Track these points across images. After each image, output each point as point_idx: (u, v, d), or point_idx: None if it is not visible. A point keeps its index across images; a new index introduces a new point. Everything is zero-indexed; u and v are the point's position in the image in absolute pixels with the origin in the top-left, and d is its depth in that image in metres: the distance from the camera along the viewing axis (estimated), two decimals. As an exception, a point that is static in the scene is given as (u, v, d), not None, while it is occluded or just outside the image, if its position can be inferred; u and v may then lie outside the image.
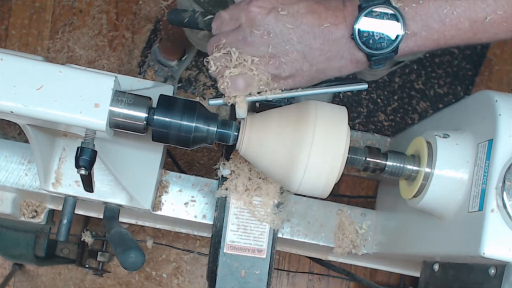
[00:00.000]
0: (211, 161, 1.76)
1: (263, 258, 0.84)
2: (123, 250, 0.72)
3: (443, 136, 0.74)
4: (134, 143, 0.89)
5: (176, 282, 1.75)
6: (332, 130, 0.71)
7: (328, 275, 1.75)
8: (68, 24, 1.82)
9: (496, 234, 0.66)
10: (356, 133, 1.12)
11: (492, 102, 0.71)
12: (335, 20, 0.69)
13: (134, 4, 1.85)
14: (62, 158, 0.90)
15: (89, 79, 0.70)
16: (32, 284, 1.73)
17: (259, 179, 0.85)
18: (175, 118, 0.72)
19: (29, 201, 1.08)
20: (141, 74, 1.76)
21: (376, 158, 0.78)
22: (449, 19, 0.67)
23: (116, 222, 0.92)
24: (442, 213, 0.75)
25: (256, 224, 0.85)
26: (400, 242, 0.92)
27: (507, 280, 0.64)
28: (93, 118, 0.69)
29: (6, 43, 1.81)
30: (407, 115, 1.83)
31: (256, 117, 0.75)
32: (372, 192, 1.77)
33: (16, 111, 0.68)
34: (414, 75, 1.85)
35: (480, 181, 0.69)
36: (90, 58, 1.81)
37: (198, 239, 1.75)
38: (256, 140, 0.73)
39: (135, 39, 1.82)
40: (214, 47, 0.72)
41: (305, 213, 1.02)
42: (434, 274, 0.80)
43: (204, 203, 0.99)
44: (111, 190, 0.91)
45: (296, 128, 0.71)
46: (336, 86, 0.77)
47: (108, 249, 1.66)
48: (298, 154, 0.70)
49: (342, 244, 1.01)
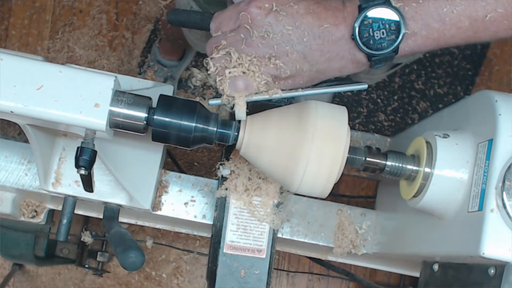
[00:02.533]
0: (211, 161, 1.76)
1: (262, 258, 0.84)
2: (123, 250, 0.72)
3: (443, 136, 0.75)
4: (134, 143, 0.89)
5: (176, 282, 1.75)
6: (332, 130, 0.71)
7: (328, 275, 1.75)
8: (68, 24, 1.82)
9: (496, 234, 0.66)
10: (356, 133, 1.12)
11: (492, 102, 0.71)
12: (335, 21, 0.69)
13: (134, 4, 1.85)
14: (62, 158, 0.90)
15: (89, 79, 0.70)
16: (32, 284, 1.73)
17: (259, 179, 0.85)
18: (175, 118, 0.72)
19: (29, 201, 1.08)
20: (141, 74, 1.76)
21: (376, 158, 0.78)
22: (449, 18, 0.67)
23: (116, 222, 0.92)
24: (442, 213, 0.76)
25: (256, 224, 0.85)
26: (400, 242, 0.93)
27: (506, 280, 0.64)
28: (93, 118, 0.69)
29: (6, 43, 1.81)
30: (407, 115, 1.83)
31: (256, 117, 0.75)
32: (372, 192, 1.77)
33: (16, 111, 0.68)
34: (414, 75, 1.85)
35: (480, 181, 0.70)
36: (90, 58, 1.81)
37: (198, 239, 1.75)
38: (256, 140, 0.73)
39: (135, 39, 1.82)
40: (214, 47, 0.72)
41: (305, 213, 1.02)
42: (434, 274, 0.80)
43: (204, 203, 0.99)
44: (111, 190, 0.91)
45: (296, 128, 0.71)
46: (336, 86, 0.77)
47: (108, 249, 1.66)
48: (298, 154, 0.70)
49: (342, 244, 1.01)
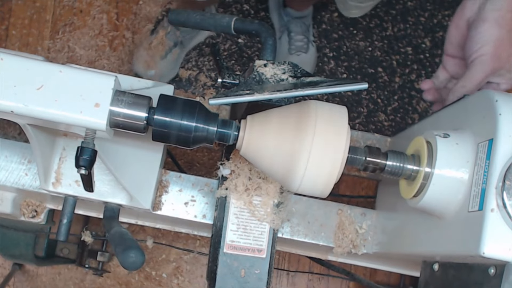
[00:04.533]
0: (211, 161, 1.76)
1: (263, 257, 0.84)
2: (123, 250, 0.72)
3: (443, 135, 0.74)
4: (134, 142, 0.89)
5: (176, 282, 1.75)
6: (332, 130, 0.71)
7: (328, 275, 1.75)
8: (69, 24, 1.82)
9: (496, 234, 0.66)
10: (356, 133, 1.12)
11: (492, 101, 0.71)
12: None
13: (135, 4, 1.85)
14: (62, 158, 0.90)
15: (89, 79, 0.70)
16: (32, 284, 1.73)
17: (259, 179, 0.85)
18: (175, 117, 0.72)
19: (29, 200, 1.08)
20: (153, 35, 1.74)
21: (376, 157, 0.78)
22: None
23: (116, 221, 0.92)
24: (442, 213, 0.75)
25: (256, 223, 0.85)
26: (400, 241, 0.92)
27: (507, 280, 0.64)
28: (93, 117, 0.69)
29: (6, 43, 1.81)
30: (407, 115, 1.83)
31: (256, 117, 0.75)
32: (372, 192, 1.77)
33: (16, 111, 0.68)
34: (414, 75, 1.85)
35: (480, 180, 0.69)
36: (91, 58, 1.81)
37: (198, 239, 1.75)
38: (256, 139, 0.73)
39: (135, 39, 1.82)
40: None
41: (305, 213, 1.02)
42: (434, 274, 0.80)
43: (204, 203, 0.99)
44: (111, 190, 0.91)
45: (296, 128, 0.71)
46: (336, 86, 0.77)
47: (108, 249, 1.66)
48: (298, 153, 0.70)
49: (342, 244, 1.01)
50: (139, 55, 1.71)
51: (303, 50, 1.74)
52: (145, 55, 1.70)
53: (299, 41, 1.74)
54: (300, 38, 1.74)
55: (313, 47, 1.79)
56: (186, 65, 1.79)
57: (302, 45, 1.74)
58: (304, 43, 1.75)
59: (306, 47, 1.75)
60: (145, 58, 1.70)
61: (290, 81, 0.80)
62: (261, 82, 0.80)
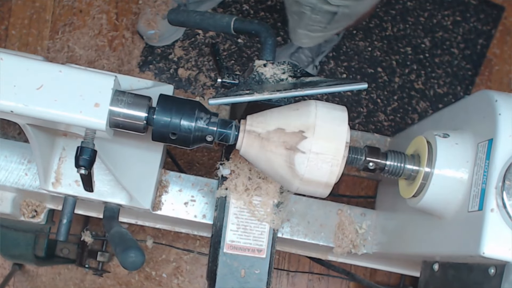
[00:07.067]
0: (211, 161, 1.76)
1: (263, 257, 0.84)
2: (123, 250, 0.72)
3: (443, 135, 0.74)
4: (134, 142, 0.89)
5: (176, 282, 1.75)
6: (332, 130, 0.71)
7: (328, 275, 1.75)
8: (68, 24, 1.82)
9: (496, 234, 0.66)
10: (356, 133, 1.12)
11: (492, 102, 0.71)
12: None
13: (134, 4, 1.84)
14: (62, 158, 0.90)
15: (89, 79, 0.70)
16: (32, 284, 1.73)
17: (259, 179, 0.85)
18: (175, 117, 0.72)
19: (29, 200, 1.08)
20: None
21: (376, 157, 0.78)
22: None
23: (116, 221, 0.92)
24: (442, 213, 0.75)
25: (256, 223, 0.85)
26: (400, 241, 0.92)
27: (507, 280, 0.64)
28: (93, 117, 0.69)
29: (6, 43, 1.81)
30: (407, 115, 1.83)
31: (256, 117, 0.75)
32: (372, 192, 1.77)
33: (16, 111, 0.68)
34: (414, 75, 1.85)
35: (480, 180, 0.69)
36: (90, 58, 1.81)
37: (198, 239, 1.75)
38: (256, 139, 0.73)
39: (135, 39, 1.82)
40: None
41: (305, 213, 1.02)
42: (434, 274, 0.80)
43: (204, 203, 0.99)
44: (111, 190, 0.91)
45: (296, 128, 0.71)
46: (336, 86, 0.77)
47: (108, 249, 1.66)
48: (298, 153, 0.70)
49: (342, 244, 1.01)
50: (144, 13, 1.70)
51: (302, 65, 1.68)
52: (148, 13, 1.68)
53: (304, 56, 1.69)
54: (306, 54, 1.69)
55: (313, 70, 1.71)
56: (185, 65, 1.78)
57: (303, 61, 1.68)
58: (307, 62, 1.69)
59: (306, 65, 1.69)
60: (148, 16, 1.68)
61: (290, 81, 0.80)
62: (261, 82, 0.80)
